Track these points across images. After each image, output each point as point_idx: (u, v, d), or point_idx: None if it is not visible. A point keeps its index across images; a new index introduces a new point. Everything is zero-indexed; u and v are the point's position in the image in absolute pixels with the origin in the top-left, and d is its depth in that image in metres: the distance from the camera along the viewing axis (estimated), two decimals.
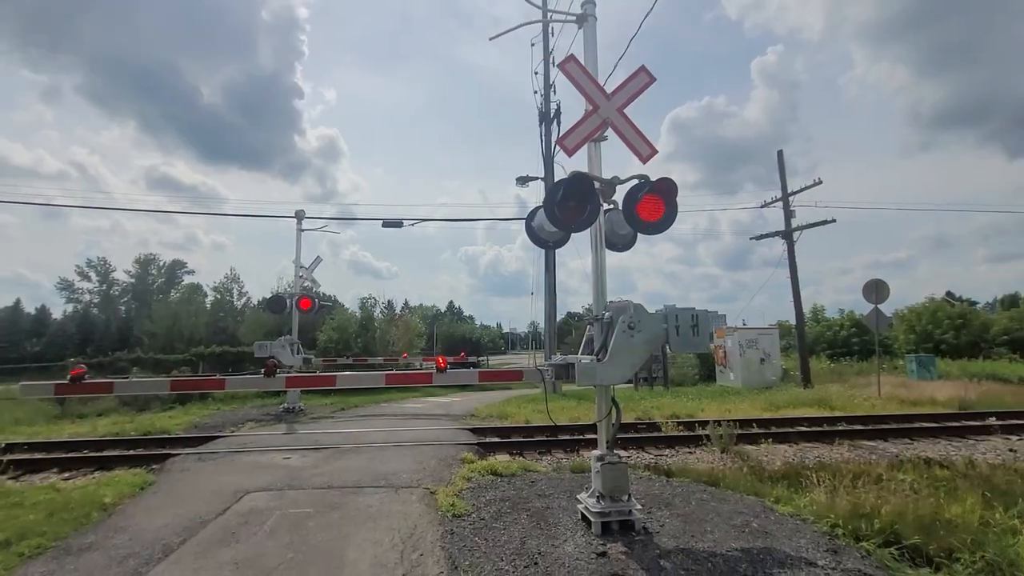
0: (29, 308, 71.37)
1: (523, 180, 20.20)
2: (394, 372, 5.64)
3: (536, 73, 20.44)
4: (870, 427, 10.14)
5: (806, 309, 21.53)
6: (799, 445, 8.75)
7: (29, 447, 8.74)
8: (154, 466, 7.37)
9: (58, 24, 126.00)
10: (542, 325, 21.23)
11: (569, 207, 4.54)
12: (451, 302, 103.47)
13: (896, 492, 5.23)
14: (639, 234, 5.07)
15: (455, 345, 24.53)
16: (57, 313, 71.78)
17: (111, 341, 61.92)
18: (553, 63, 20.15)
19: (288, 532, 4.48)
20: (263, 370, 5.44)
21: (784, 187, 18.90)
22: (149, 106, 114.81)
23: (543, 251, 20.55)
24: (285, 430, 10.46)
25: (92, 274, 74.64)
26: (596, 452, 4.74)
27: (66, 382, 5.09)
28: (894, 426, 10.15)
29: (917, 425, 10.21)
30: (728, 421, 9.22)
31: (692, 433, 9.30)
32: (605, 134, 4.94)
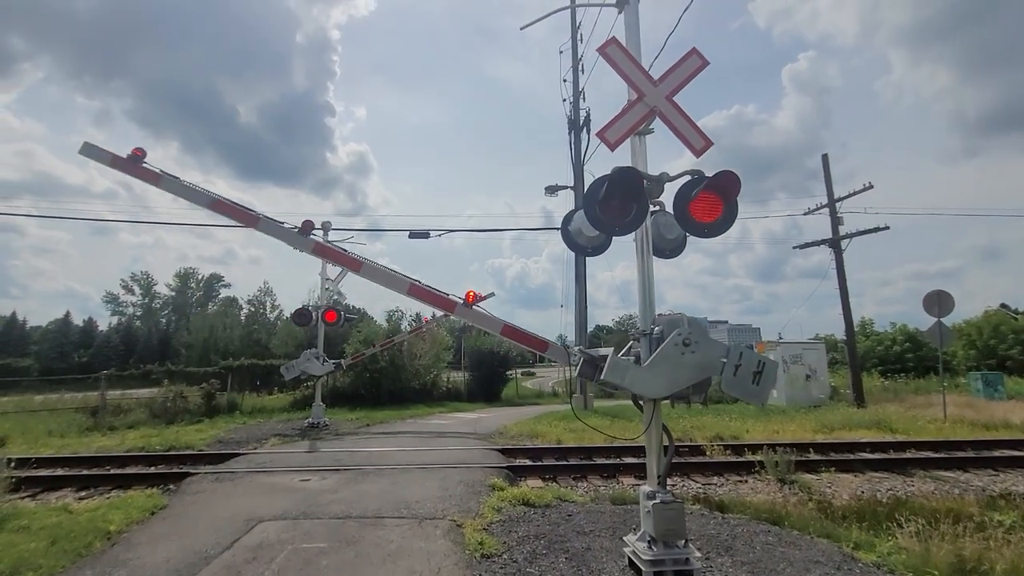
0: (78, 320, 74.57)
1: (552, 189, 19.70)
2: (419, 285, 5.17)
3: (565, 80, 20.05)
4: (943, 454, 9.08)
5: None
6: (866, 475, 7.83)
7: (52, 462, 8.62)
8: (170, 486, 7.07)
9: (111, 53, 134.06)
10: (570, 338, 20.53)
11: (612, 207, 3.99)
12: None
13: (1006, 541, 4.40)
14: (692, 237, 4.44)
15: (483, 359, 23.99)
16: (103, 325, 74.85)
17: (152, 352, 64.11)
18: (582, 71, 19.76)
19: (297, 574, 3.99)
20: (298, 228, 5.21)
21: (830, 193, 17.81)
22: (191, 127, 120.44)
23: (572, 263, 19.96)
24: (307, 447, 10.10)
25: (136, 288, 77.86)
26: (646, 487, 4.11)
27: (124, 156, 5.54)
28: (971, 454, 9.07)
29: (998, 453, 9.12)
30: (781, 446, 8.38)
31: (741, 458, 8.49)
32: (651, 126, 4.39)
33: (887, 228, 16.63)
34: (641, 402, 4.34)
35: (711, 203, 4.04)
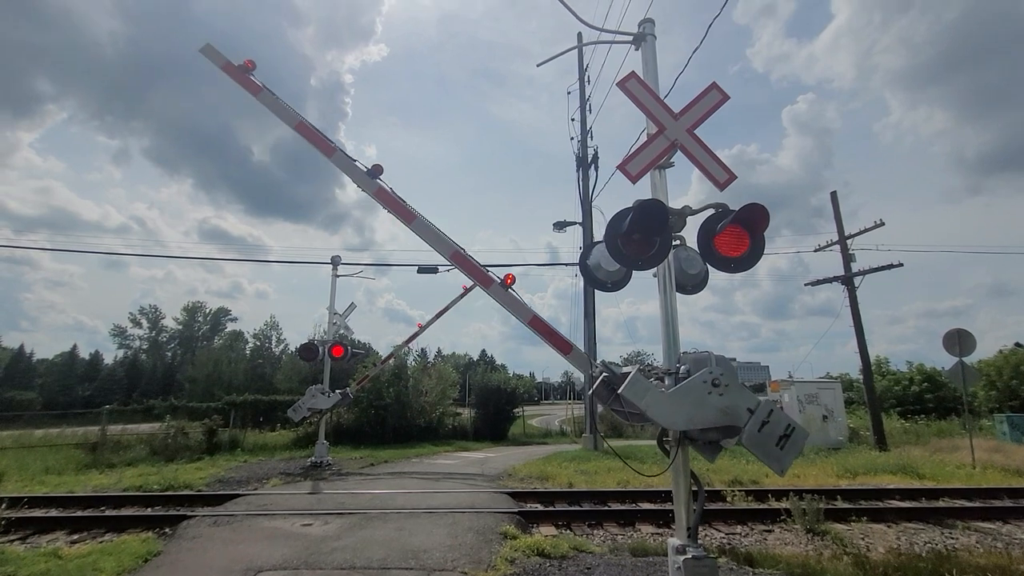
0: (84, 354, 74.61)
1: (560, 225, 19.76)
2: (462, 252, 5.03)
3: (573, 120, 20.44)
4: (978, 503, 8.59)
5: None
6: (900, 525, 7.36)
7: (46, 502, 8.32)
8: (166, 529, 6.75)
9: (133, 94, 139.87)
10: (576, 375, 20.13)
11: (634, 241, 3.88)
12: (483, 350, 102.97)
13: None
14: (719, 272, 4.29)
15: (490, 396, 23.51)
16: (109, 359, 74.77)
17: (156, 386, 63.80)
18: (590, 110, 20.19)
19: None
20: (368, 169, 5.17)
21: (840, 230, 17.72)
22: (206, 165, 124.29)
23: (580, 298, 19.79)
24: (310, 488, 9.71)
25: (144, 321, 78.19)
26: (674, 540, 3.81)
27: (236, 65, 5.62)
28: (1009, 503, 8.57)
29: None
30: (807, 492, 7.96)
31: (765, 505, 8.07)
32: (672, 159, 4.32)
33: (901, 265, 16.43)
34: (667, 445, 4.10)
35: (737, 237, 3.92)
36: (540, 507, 8.21)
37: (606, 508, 8.08)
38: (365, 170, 5.27)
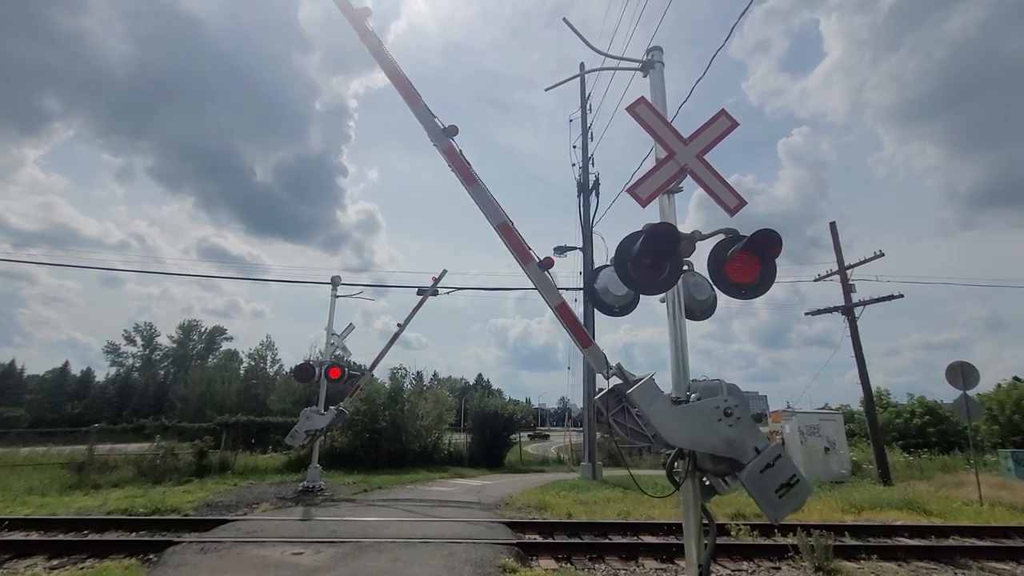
0: (76, 371, 73.58)
1: (561, 250, 19.78)
2: (510, 225, 4.91)
3: (574, 147, 20.70)
4: (988, 542, 8.35)
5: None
6: (911, 564, 7.12)
7: (26, 525, 8.02)
8: (151, 556, 6.50)
9: (140, 114, 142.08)
10: (573, 400, 19.84)
11: (644, 265, 3.82)
12: (480, 375, 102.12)
13: None
14: (729, 298, 4.23)
15: (487, 421, 23.16)
16: (101, 376, 73.75)
17: (147, 405, 62.78)
18: (591, 137, 20.46)
19: None
20: (444, 128, 5.16)
21: (840, 260, 17.76)
22: (208, 184, 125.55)
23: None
24: (301, 515, 9.40)
25: (138, 339, 77.50)
26: None
27: (355, 8, 5.42)
28: (1021, 543, 8.33)
29: None
30: (813, 527, 7.73)
31: (771, 541, 7.83)
32: (681, 184, 4.31)
33: (901, 296, 16.41)
34: (676, 476, 3.96)
35: (748, 263, 3.87)
36: (539, 538, 7.94)
37: (607, 541, 7.82)
38: (442, 128, 5.34)
